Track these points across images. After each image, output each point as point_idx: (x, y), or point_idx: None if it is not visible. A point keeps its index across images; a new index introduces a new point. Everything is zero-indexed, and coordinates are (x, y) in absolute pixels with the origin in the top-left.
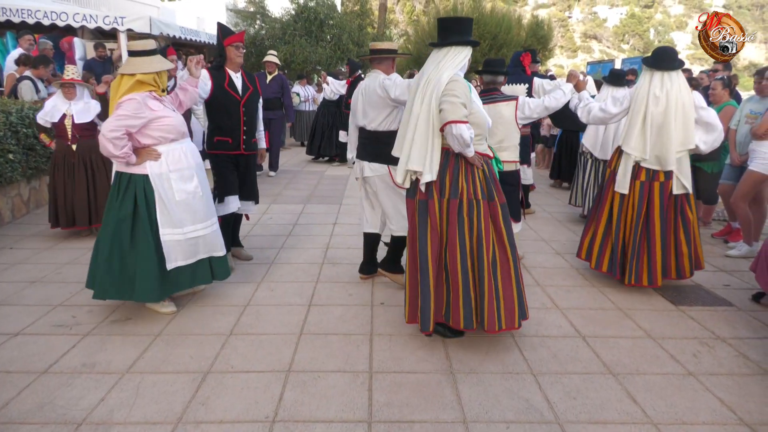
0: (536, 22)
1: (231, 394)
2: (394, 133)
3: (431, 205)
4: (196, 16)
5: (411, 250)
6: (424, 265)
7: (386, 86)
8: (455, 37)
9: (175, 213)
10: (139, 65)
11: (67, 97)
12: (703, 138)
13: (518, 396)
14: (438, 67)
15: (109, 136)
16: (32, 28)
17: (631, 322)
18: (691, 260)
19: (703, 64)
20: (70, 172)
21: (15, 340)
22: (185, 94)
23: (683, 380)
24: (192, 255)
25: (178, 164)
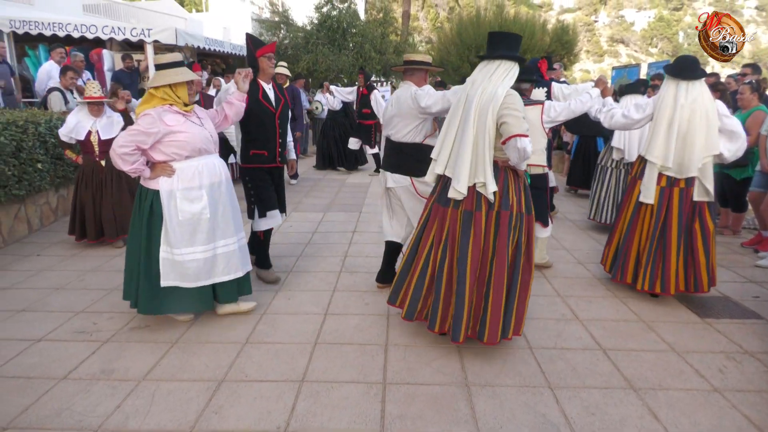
0: (561, 27)
1: (244, 403)
2: (417, 146)
3: (478, 216)
4: (222, 26)
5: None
6: (461, 273)
7: (417, 96)
8: (505, 51)
9: (175, 233)
10: (155, 79)
11: (93, 114)
12: (726, 146)
13: (534, 410)
14: (491, 80)
15: (119, 151)
16: (63, 41)
17: (654, 335)
18: (708, 272)
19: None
20: (99, 186)
21: (37, 346)
22: (231, 108)
23: (708, 397)
24: (191, 279)
25: (189, 183)
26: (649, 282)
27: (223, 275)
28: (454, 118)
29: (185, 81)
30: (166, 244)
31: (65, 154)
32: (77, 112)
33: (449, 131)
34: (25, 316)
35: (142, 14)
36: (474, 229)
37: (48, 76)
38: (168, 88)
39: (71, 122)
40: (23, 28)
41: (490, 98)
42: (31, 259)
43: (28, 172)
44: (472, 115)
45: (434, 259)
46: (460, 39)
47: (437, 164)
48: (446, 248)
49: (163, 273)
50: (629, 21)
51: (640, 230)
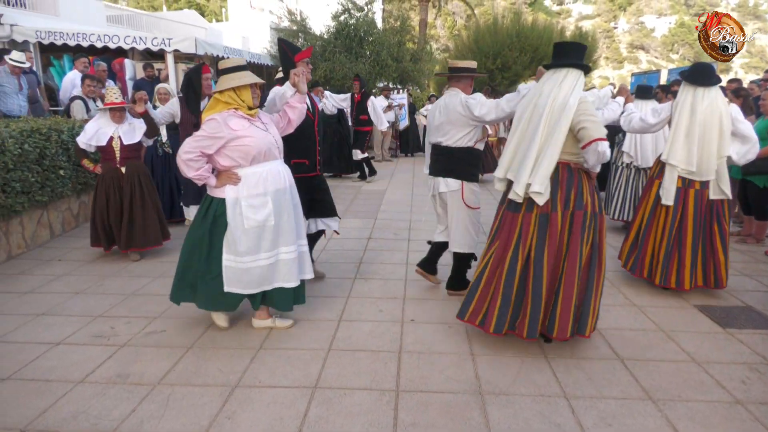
0: (580, 34)
1: (257, 409)
2: (469, 150)
3: (554, 217)
4: (242, 35)
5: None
6: (538, 274)
7: (470, 105)
8: (573, 59)
9: (240, 241)
10: (219, 83)
11: (115, 120)
12: (736, 149)
13: (550, 420)
14: (561, 87)
15: (184, 157)
16: (86, 51)
17: (674, 345)
18: (727, 269)
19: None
20: (120, 195)
21: (57, 350)
22: (294, 112)
23: (730, 409)
24: (253, 286)
25: (254, 190)
26: (664, 277)
27: (282, 282)
28: (520, 124)
29: (249, 84)
30: (231, 253)
31: (82, 164)
32: (98, 119)
33: (514, 137)
34: (45, 320)
35: (163, 24)
36: (550, 230)
37: (72, 85)
38: (232, 91)
39: (91, 129)
40: (49, 39)
41: (562, 105)
42: (52, 263)
43: (50, 178)
44: (542, 122)
45: (501, 265)
46: (477, 46)
47: (499, 169)
48: (517, 250)
49: (227, 280)
50: (649, 27)
51: (656, 228)
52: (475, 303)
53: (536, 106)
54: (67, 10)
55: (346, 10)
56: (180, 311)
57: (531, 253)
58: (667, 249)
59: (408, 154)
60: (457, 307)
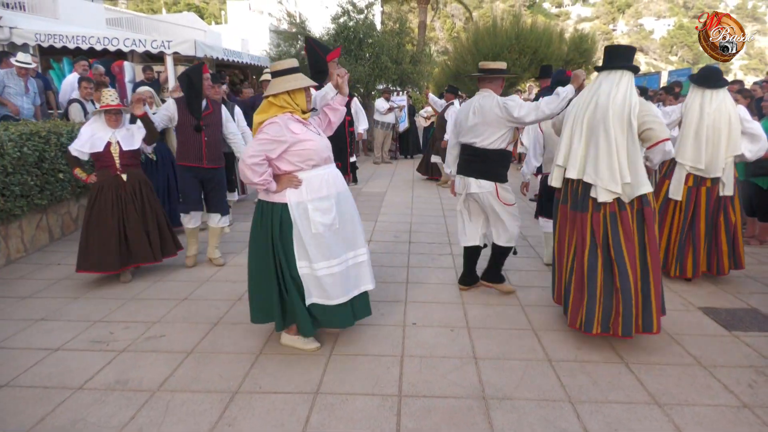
0: (579, 36)
1: (258, 415)
2: (502, 152)
3: (625, 216)
4: (241, 38)
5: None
6: (623, 269)
7: (509, 107)
8: (626, 61)
9: (310, 247)
10: (272, 86)
11: (111, 124)
12: (748, 147)
13: (555, 426)
14: (618, 88)
15: (249, 162)
16: (86, 54)
17: (679, 348)
18: (729, 259)
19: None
20: (121, 205)
21: (55, 356)
22: (336, 114)
23: (738, 413)
24: (332, 296)
25: (318, 193)
26: (680, 269)
27: (356, 288)
28: (581, 125)
29: (303, 87)
30: (304, 260)
31: (74, 174)
32: (92, 122)
33: (576, 138)
34: (44, 325)
35: (162, 27)
36: (623, 227)
37: (71, 88)
38: (287, 95)
39: (85, 134)
40: (48, 42)
41: (622, 105)
42: (51, 267)
43: (50, 182)
44: (610, 123)
45: (580, 263)
46: (476, 48)
47: (569, 170)
48: (596, 250)
49: (306, 290)
50: (648, 29)
51: (669, 224)
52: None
53: (597, 106)
54: (67, 12)
55: (345, 12)
56: (179, 316)
57: (610, 252)
58: (681, 243)
59: (408, 156)
60: (459, 310)
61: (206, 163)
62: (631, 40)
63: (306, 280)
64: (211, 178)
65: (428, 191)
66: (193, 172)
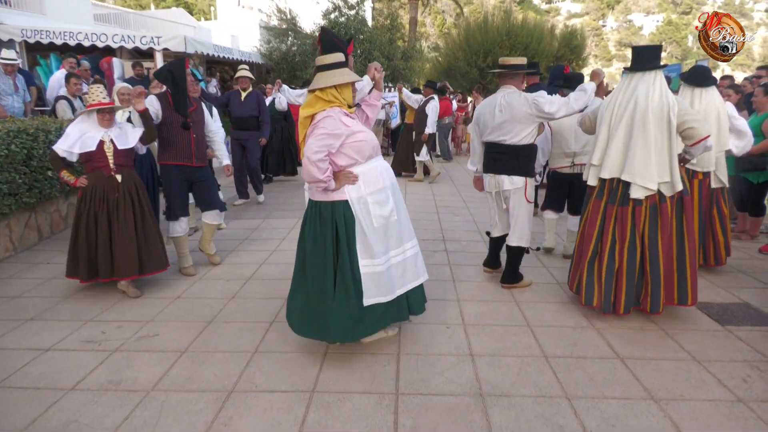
0: (569, 32)
1: (254, 414)
2: (531, 147)
3: (664, 207)
4: (231, 34)
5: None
6: (654, 256)
7: (539, 103)
8: (657, 62)
9: (372, 241)
10: (319, 80)
11: (103, 124)
12: (735, 143)
13: (552, 422)
14: (654, 87)
15: (314, 158)
16: (74, 50)
17: (673, 343)
18: (726, 248)
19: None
20: (115, 209)
21: (46, 356)
22: (373, 110)
23: (732, 407)
24: (389, 291)
25: (375, 185)
26: None
27: (413, 281)
28: (620, 125)
29: (350, 82)
30: (367, 257)
31: (60, 176)
32: (80, 122)
33: (614, 139)
34: (34, 325)
35: (151, 23)
36: (661, 218)
37: (59, 84)
38: (334, 89)
39: (73, 134)
40: (35, 38)
41: (660, 105)
42: (41, 267)
43: (38, 180)
44: (650, 122)
45: (620, 254)
46: (467, 44)
47: (603, 171)
48: (635, 241)
49: (366, 290)
50: (637, 25)
51: None
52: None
53: (637, 107)
54: (54, 8)
55: (336, 8)
56: (172, 315)
57: (645, 240)
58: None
59: None
60: (454, 307)
61: (195, 161)
62: (620, 36)
63: (366, 279)
64: (200, 176)
65: (422, 188)
66: (180, 171)
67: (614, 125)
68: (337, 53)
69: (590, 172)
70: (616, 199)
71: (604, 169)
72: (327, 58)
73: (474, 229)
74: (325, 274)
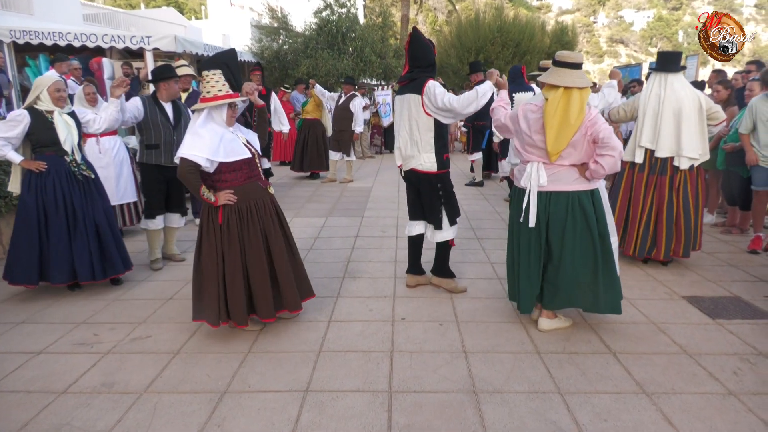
0: (560, 28)
1: (247, 415)
2: None
3: (692, 176)
4: (222, 33)
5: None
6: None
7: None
8: (680, 65)
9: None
10: (559, 76)
11: (230, 122)
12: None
13: (545, 418)
14: (683, 86)
15: (620, 148)
16: (64, 50)
17: (665, 337)
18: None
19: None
20: (272, 229)
21: (37, 359)
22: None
23: (724, 400)
24: None
25: None
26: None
27: None
28: (665, 114)
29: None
30: (614, 235)
31: (201, 195)
32: (205, 122)
33: (664, 123)
34: (25, 328)
35: (141, 22)
36: (691, 184)
37: None
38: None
39: (209, 136)
40: (24, 38)
41: (693, 97)
42: None
43: None
44: (689, 110)
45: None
46: (459, 42)
47: (659, 151)
48: (672, 200)
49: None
50: (628, 21)
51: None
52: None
53: (677, 99)
54: (42, 8)
55: (327, 6)
56: (165, 316)
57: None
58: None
59: (393, 150)
60: (447, 304)
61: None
62: (611, 32)
63: (616, 255)
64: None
65: None
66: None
67: (661, 115)
68: (579, 53)
69: (637, 153)
70: (656, 171)
71: (660, 150)
72: (569, 57)
73: (467, 227)
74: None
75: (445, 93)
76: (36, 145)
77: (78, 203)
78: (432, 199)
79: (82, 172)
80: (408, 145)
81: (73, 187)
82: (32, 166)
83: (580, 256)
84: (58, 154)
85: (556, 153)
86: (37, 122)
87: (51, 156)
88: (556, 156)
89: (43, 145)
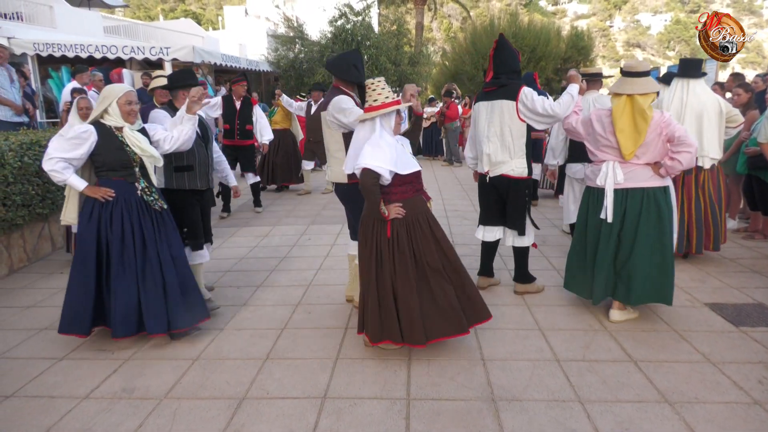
0: (576, 33)
1: (266, 421)
2: None
3: (714, 174)
4: (238, 43)
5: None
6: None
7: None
8: (701, 71)
9: None
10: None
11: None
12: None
13: (565, 427)
14: (705, 90)
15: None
16: (85, 62)
17: (687, 345)
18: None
19: (756, 68)
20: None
21: (60, 365)
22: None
23: (748, 410)
24: None
25: None
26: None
27: None
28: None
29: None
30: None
31: (381, 210)
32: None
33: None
34: (48, 335)
35: (160, 34)
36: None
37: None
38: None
39: (386, 147)
40: (47, 51)
41: (714, 101)
42: (54, 276)
43: (51, 190)
44: (710, 113)
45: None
46: (474, 48)
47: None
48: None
49: None
50: (645, 25)
51: None
52: None
53: (699, 103)
54: (64, 22)
55: (342, 14)
56: None
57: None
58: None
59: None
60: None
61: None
62: (628, 36)
63: None
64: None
65: (430, 193)
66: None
67: (683, 118)
68: (646, 62)
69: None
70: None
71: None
72: (637, 65)
73: None
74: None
75: (544, 99)
76: (101, 168)
77: (150, 239)
78: (519, 205)
79: (157, 203)
80: (499, 151)
81: (145, 220)
82: (98, 194)
83: (650, 250)
84: (128, 180)
85: (630, 153)
86: (104, 140)
87: (119, 181)
88: (631, 155)
89: (110, 169)
